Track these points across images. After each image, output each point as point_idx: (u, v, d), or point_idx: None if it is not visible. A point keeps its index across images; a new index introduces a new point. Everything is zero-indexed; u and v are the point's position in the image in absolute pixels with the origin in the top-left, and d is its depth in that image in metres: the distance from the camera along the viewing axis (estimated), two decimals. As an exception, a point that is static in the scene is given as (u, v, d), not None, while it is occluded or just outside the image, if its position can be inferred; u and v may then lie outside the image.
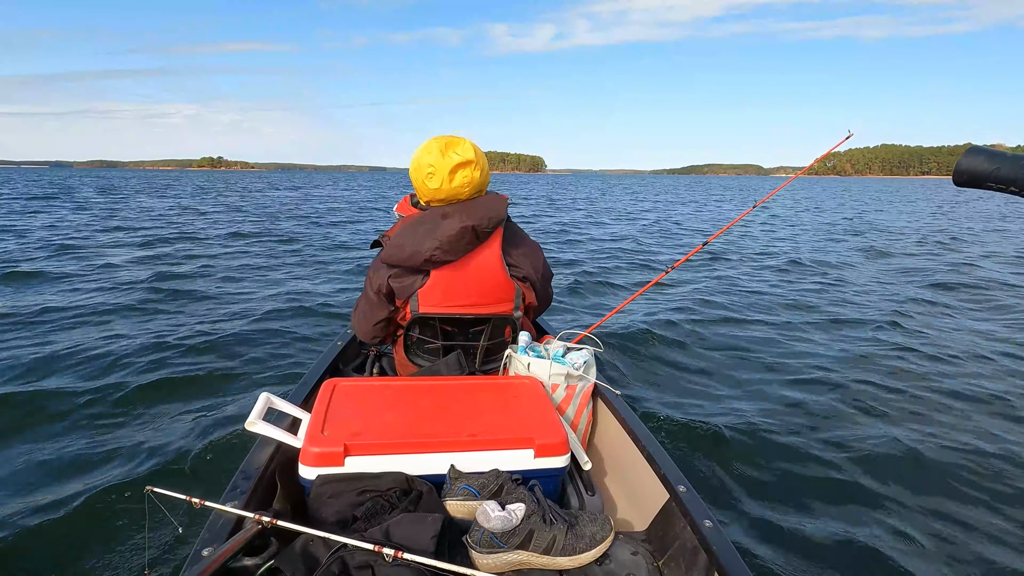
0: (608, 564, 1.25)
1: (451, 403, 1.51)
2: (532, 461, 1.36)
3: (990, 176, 0.91)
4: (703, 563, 1.19)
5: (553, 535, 1.21)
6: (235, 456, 2.52)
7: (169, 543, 1.88)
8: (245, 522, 1.14)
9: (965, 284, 7.22)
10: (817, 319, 5.45)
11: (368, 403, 1.48)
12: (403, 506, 1.21)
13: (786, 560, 2.05)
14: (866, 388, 3.64)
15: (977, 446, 2.88)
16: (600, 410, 1.85)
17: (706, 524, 1.23)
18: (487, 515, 1.18)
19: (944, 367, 4.08)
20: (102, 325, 4.62)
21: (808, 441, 2.93)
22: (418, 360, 1.89)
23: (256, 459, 1.39)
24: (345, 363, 2.29)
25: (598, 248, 10.50)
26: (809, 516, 2.32)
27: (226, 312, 5.19)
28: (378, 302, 1.78)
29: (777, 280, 7.48)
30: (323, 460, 1.27)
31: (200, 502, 1.16)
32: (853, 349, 4.47)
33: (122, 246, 9.27)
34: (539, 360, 1.71)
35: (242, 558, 1.08)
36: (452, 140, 1.72)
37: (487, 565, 1.18)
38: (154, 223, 12.84)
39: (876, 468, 2.68)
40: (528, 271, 1.82)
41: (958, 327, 5.24)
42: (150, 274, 6.77)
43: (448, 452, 1.33)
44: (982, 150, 0.94)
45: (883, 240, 12.10)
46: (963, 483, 2.58)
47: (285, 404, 1.53)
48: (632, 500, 1.58)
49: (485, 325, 1.85)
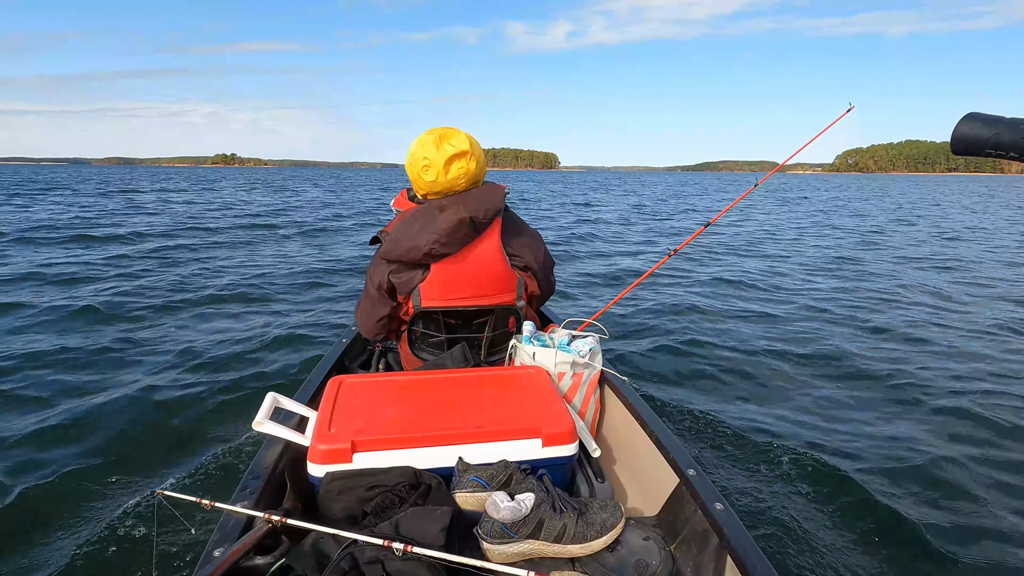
0: (620, 550, 1.25)
1: (457, 396, 1.51)
2: (540, 450, 1.36)
3: (989, 142, 0.89)
4: (715, 546, 1.19)
5: (564, 524, 1.21)
6: (243, 456, 2.53)
7: (181, 545, 1.89)
8: (255, 521, 1.14)
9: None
10: (820, 304, 5.42)
11: (374, 399, 1.48)
12: (412, 500, 1.20)
13: (798, 540, 2.04)
14: (880, 368, 3.62)
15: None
16: (607, 397, 1.85)
17: (717, 507, 1.22)
18: (496, 506, 1.17)
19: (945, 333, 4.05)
20: (99, 325, 4.64)
21: (817, 423, 2.92)
22: (423, 354, 1.88)
23: (264, 459, 1.39)
24: (350, 360, 2.29)
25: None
26: (820, 496, 2.32)
27: (232, 312, 5.20)
28: (380, 298, 1.77)
29: (785, 270, 7.45)
30: (331, 457, 1.27)
31: (210, 503, 1.16)
32: (861, 331, 4.45)
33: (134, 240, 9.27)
34: (544, 349, 1.70)
35: (254, 557, 1.09)
36: (446, 132, 1.70)
37: (498, 556, 1.18)
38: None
39: (895, 451, 2.67)
40: (529, 260, 1.81)
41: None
42: (161, 271, 6.79)
43: (456, 444, 1.33)
44: (980, 116, 0.91)
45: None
46: (972, 480, 2.50)
47: (291, 403, 1.53)
48: (642, 486, 1.58)
49: (488, 316, 1.84)
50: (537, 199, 24.13)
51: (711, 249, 8.42)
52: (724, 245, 8.98)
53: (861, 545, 2.03)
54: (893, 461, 2.57)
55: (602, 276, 6.89)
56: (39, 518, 2.18)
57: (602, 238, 10.45)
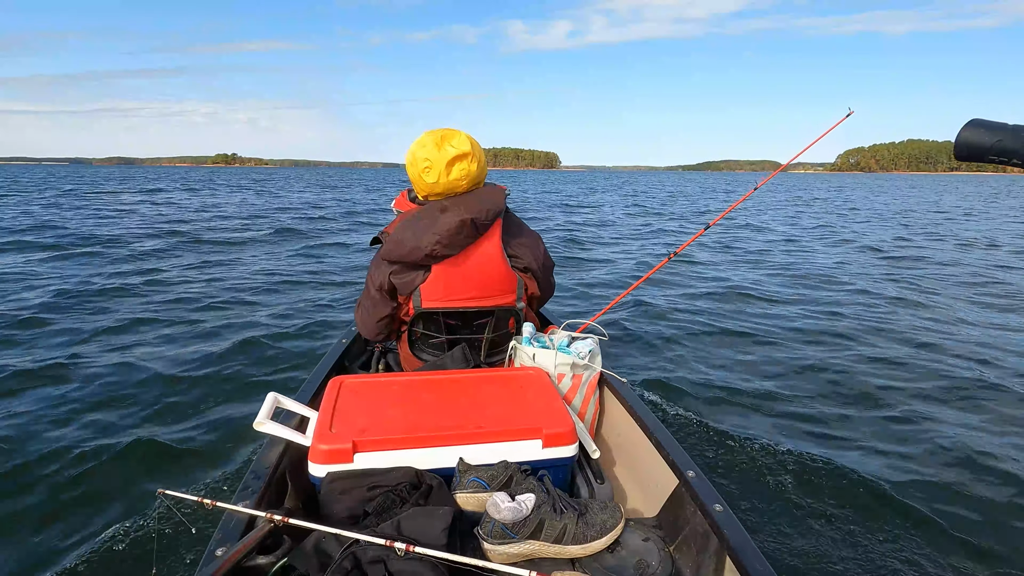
0: (620, 551, 1.25)
1: (458, 396, 1.51)
2: (540, 451, 1.37)
3: (992, 149, 0.90)
4: (715, 547, 1.19)
5: (564, 524, 1.21)
6: (245, 456, 2.53)
7: (182, 544, 1.90)
8: (257, 521, 1.15)
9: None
10: (829, 304, 5.43)
11: (375, 399, 1.48)
12: (413, 500, 1.21)
13: (798, 543, 2.05)
14: (883, 370, 3.63)
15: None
16: (607, 398, 1.85)
17: (716, 508, 1.23)
18: (497, 506, 1.18)
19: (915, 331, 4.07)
20: (103, 324, 4.64)
21: (817, 427, 2.93)
22: (423, 355, 1.89)
23: (266, 459, 1.39)
24: (351, 360, 2.29)
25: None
26: (820, 498, 2.32)
27: (232, 312, 5.20)
28: (380, 299, 1.78)
29: (780, 268, 7.46)
30: (332, 457, 1.28)
31: (212, 503, 1.17)
32: (859, 329, 4.46)
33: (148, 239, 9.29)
34: (544, 350, 1.71)
35: (255, 557, 1.09)
36: (448, 133, 1.71)
37: (499, 556, 1.18)
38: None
39: (892, 451, 2.67)
40: (529, 261, 1.81)
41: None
42: (154, 269, 6.80)
43: (456, 445, 1.33)
44: (983, 122, 0.92)
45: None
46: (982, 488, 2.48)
47: (292, 403, 1.53)
48: (642, 487, 1.59)
49: (489, 317, 1.85)
50: (538, 199, 24.13)
51: (713, 251, 8.44)
52: (725, 248, 9.00)
53: (861, 547, 2.04)
54: (893, 464, 2.58)
55: (603, 277, 6.90)
56: (42, 516, 2.18)
57: (604, 240, 10.47)
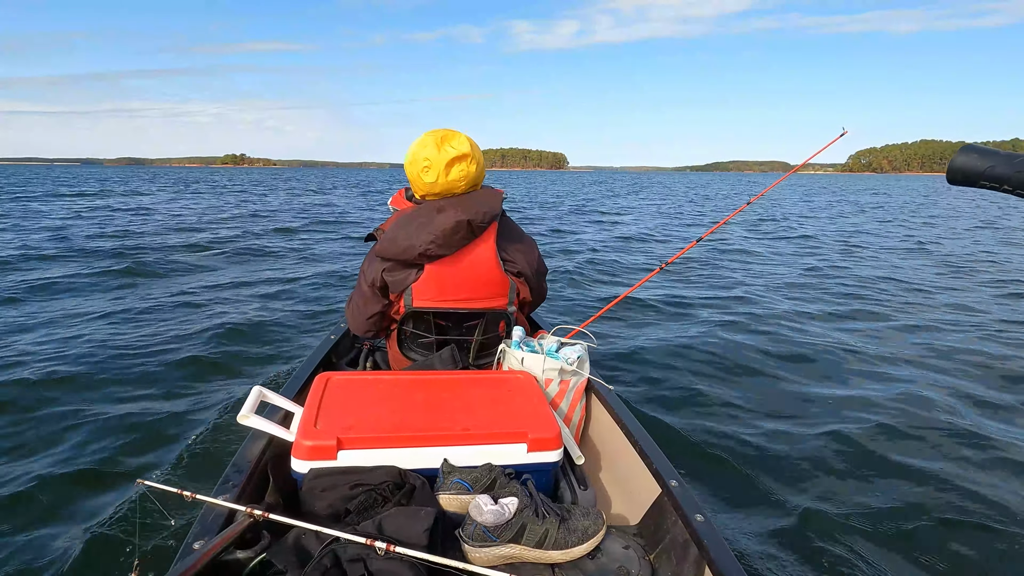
0: (600, 558, 1.26)
1: (444, 397, 1.51)
2: (525, 455, 1.37)
3: (984, 174, 0.92)
4: (694, 557, 1.20)
5: (545, 529, 1.21)
6: (227, 450, 2.51)
7: (161, 536, 1.87)
8: (237, 515, 1.14)
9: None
10: (816, 311, 5.48)
11: (361, 397, 1.48)
12: (396, 500, 1.21)
13: (776, 555, 2.06)
14: (866, 380, 3.66)
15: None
16: (594, 405, 1.86)
17: (697, 518, 1.23)
18: (480, 509, 1.18)
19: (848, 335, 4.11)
20: (88, 314, 4.59)
21: (801, 436, 2.95)
22: (412, 354, 1.88)
23: (248, 452, 1.38)
24: (338, 357, 2.28)
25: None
26: (800, 511, 2.34)
27: (219, 303, 5.16)
28: (372, 296, 1.77)
29: (774, 272, 7.52)
30: (316, 454, 1.27)
31: (192, 495, 1.15)
32: (847, 340, 4.50)
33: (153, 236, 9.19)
34: (533, 355, 1.71)
35: (234, 551, 1.08)
36: (448, 134, 1.71)
37: (479, 559, 1.18)
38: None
39: (872, 463, 2.69)
40: (523, 266, 1.82)
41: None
42: (148, 262, 6.73)
43: (441, 446, 1.33)
44: (975, 148, 0.94)
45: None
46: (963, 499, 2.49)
47: (278, 397, 1.52)
48: (624, 494, 1.59)
49: (479, 320, 1.85)
50: (540, 199, 24.06)
51: (704, 261, 8.48)
52: (719, 256, 9.04)
53: (841, 560, 2.05)
54: (877, 477, 2.60)
55: (592, 285, 6.92)
56: (18, 502, 2.15)
57: (628, 251, 10.44)
